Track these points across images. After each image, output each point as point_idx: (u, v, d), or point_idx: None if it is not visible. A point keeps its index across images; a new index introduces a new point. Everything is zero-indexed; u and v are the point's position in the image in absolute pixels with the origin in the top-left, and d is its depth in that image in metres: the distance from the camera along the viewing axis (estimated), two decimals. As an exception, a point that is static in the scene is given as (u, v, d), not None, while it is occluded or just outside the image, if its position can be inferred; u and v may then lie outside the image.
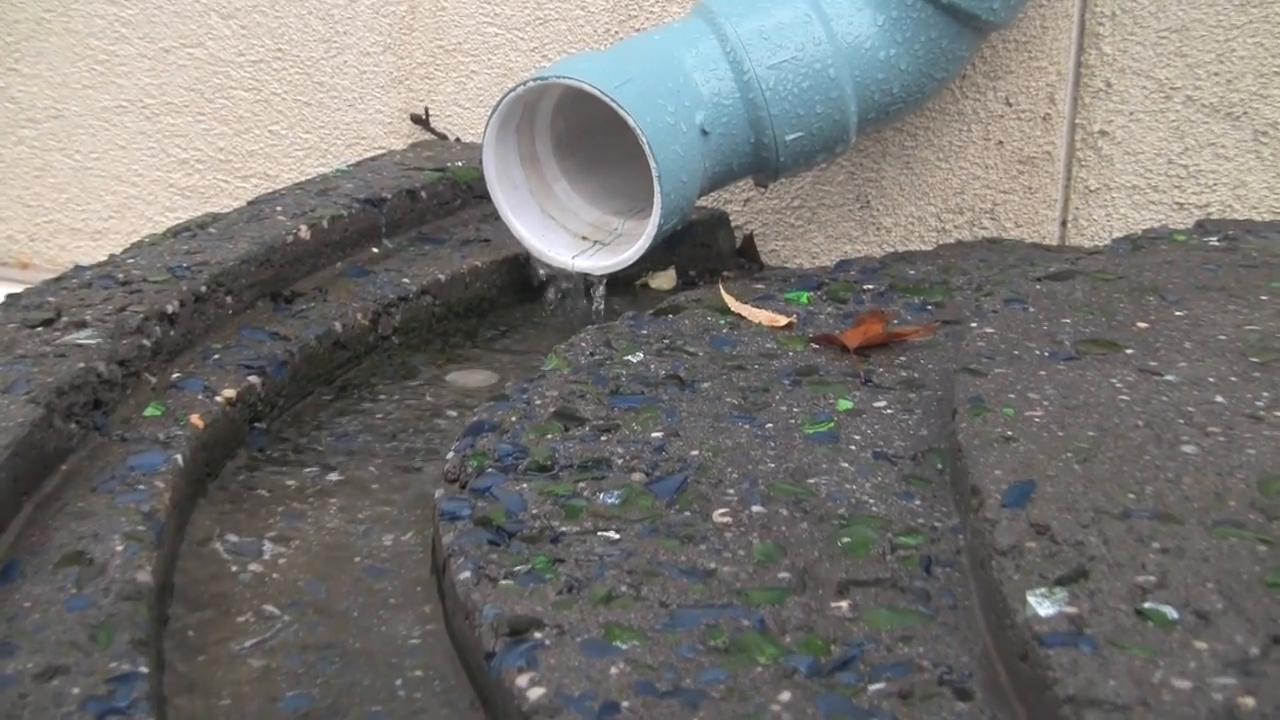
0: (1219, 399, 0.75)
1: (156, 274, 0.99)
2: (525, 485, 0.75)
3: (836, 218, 1.38)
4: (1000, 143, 1.30)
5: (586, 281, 1.14)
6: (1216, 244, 1.02)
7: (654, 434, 0.81)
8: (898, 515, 0.71)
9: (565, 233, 1.17)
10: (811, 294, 1.06)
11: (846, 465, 0.77)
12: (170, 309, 0.95)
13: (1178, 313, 0.87)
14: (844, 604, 0.65)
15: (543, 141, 1.18)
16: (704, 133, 1.09)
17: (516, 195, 1.15)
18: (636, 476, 0.76)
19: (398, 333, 1.09)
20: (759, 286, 1.09)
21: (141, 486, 0.77)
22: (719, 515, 0.72)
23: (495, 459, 0.78)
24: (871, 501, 0.73)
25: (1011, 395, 0.77)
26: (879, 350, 0.93)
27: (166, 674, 0.67)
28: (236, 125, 1.59)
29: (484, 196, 1.27)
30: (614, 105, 1.03)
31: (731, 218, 1.41)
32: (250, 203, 1.18)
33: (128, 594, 0.67)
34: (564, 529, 0.71)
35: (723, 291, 1.04)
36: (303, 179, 1.40)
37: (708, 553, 0.69)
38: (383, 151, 1.50)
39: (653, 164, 1.03)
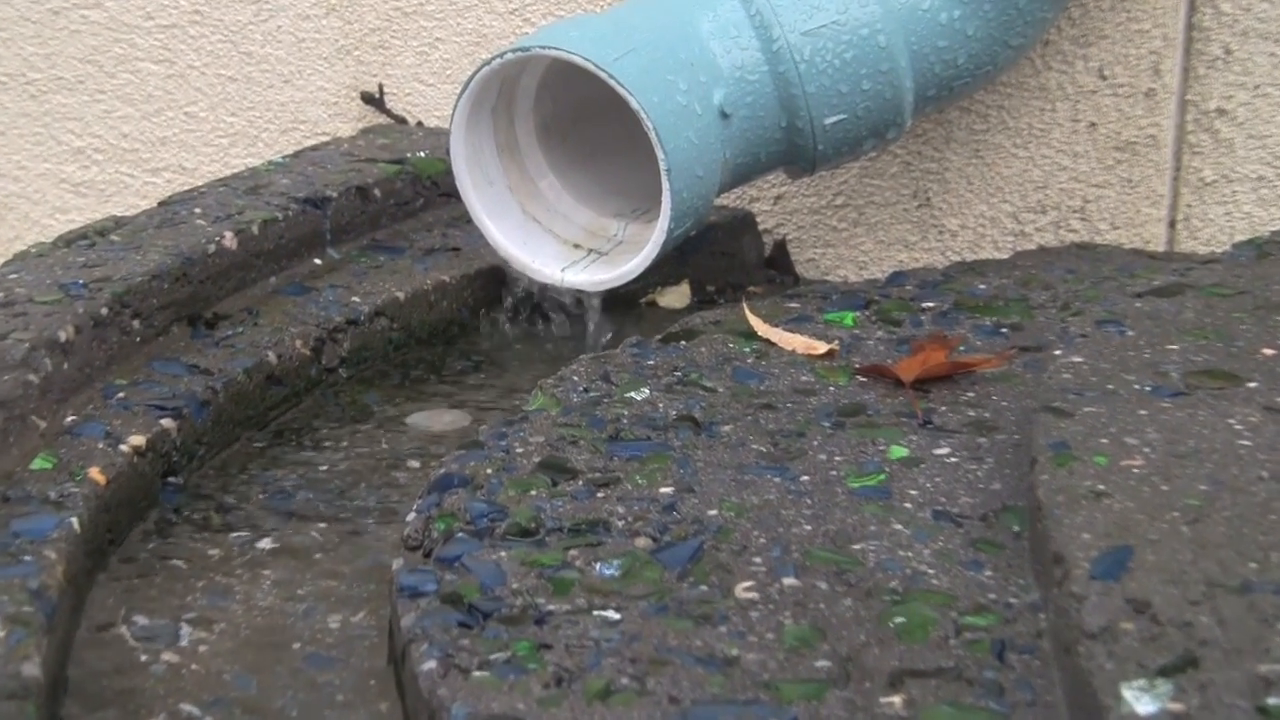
0: (1362, 444, 0.76)
1: (45, 293, 1.01)
2: (504, 553, 0.77)
3: (889, 219, 1.41)
4: (1092, 124, 1.33)
5: (579, 300, 1.17)
6: (1361, 250, 1.04)
7: (663, 489, 0.83)
8: (964, 589, 0.73)
9: (553, 240, 1.19)
10: (858, 314, 1.08)
11: (900, 527, 0.78)
12: (63, 336, 0.96)
13: (1312, 336, 0.89)
14: (897, 699, 0.65)
15: (525, 127, 1.20)
16: (724, 115, 1.11)
17: (492, 193, 1.18)
18: (641, 542, 0.78)
19: (346, 364, 1.11)
20: (793, 305, 1.11)
21: (28, 558, 0.78)
22: (743, 590, 0.73)
23: (467, 521, 0.80)
24: (931, 572, 0.74)
25: (1104, 440, 0.79)
26: (941, 384, 0.95)
27: (60, 790, 0.68)
28: (144, 106, 1.61)
29: (452, 195, 1.30)
30: (612, 82, 1.05)
31: (759, 220, 1.43)
32: (162, 203, 1.21)
33: (11, 691, 0.68)
34: (551, 607, 0.72)
35: (748, 311, 1.06)
36: (227, 173, 1.43)
37: (729, 636, 0.70)
38: (326, 139, 1.53)
39: (660, 155, 1.05)
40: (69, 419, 0.93)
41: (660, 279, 1.29)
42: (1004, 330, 1.05)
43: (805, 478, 0.83)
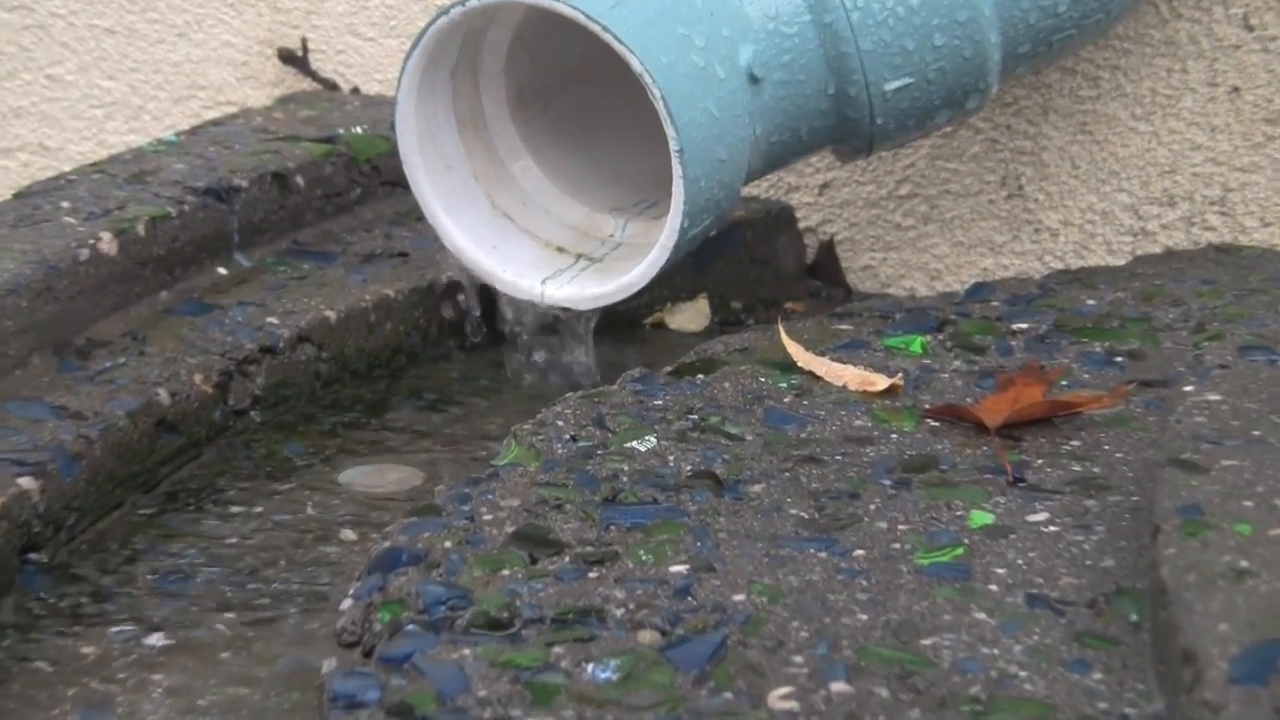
0: None
1: None
2: (468, 651, 0.78)
3: (969, 213, 1.42)
4: (1235, 90, 1.34)
5: (565, 321, 1.19)
6: None
7: (674, 567, 0.84)
8: (1066, 697, 0.74)
9: (530, 242, 1.21)
10: (928, 338, 1.10)
11: (984, 616, 0.80)
12: (-106, 369, 0.99)
13: None
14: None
15: (494, 95, 1.22)
16: (753, 79, 1.13)
17: (451, 181, 1.19)
18: (646, 636, 0.78)
19: (260, 405, 1.13)
20: (844, 327, 1.13)
21: None
22: (778, 699, 0.74)
23: (419, 609, 0.81)
24: (1024, 675, 0.75)
25: (1247, 503, 0.80)
26: (1037, 430, 0.97)
27: None
28: (-6, 67, 1.64)
29: (399, 183, 1.32)
30: (606, 36, 1.06)
31: (800, 215, 1.45)
32: (17, 194, 1.23)
33: None
34: (530, 722, 0.74)
35: (785, 336, 1.08)
36: (103, 155, 1.45)
37: (761, 759, 0.71)
38: (233, 110, 1.54)
39: (671, 132, 1.07)
40: (-101, 477, 0.94)
41: (670, 293, 1.31)
42: (1119, 359, 1.06)
43: (860, 552, 0.84)
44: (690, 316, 1.30)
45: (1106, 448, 0.94)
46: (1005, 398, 0.96)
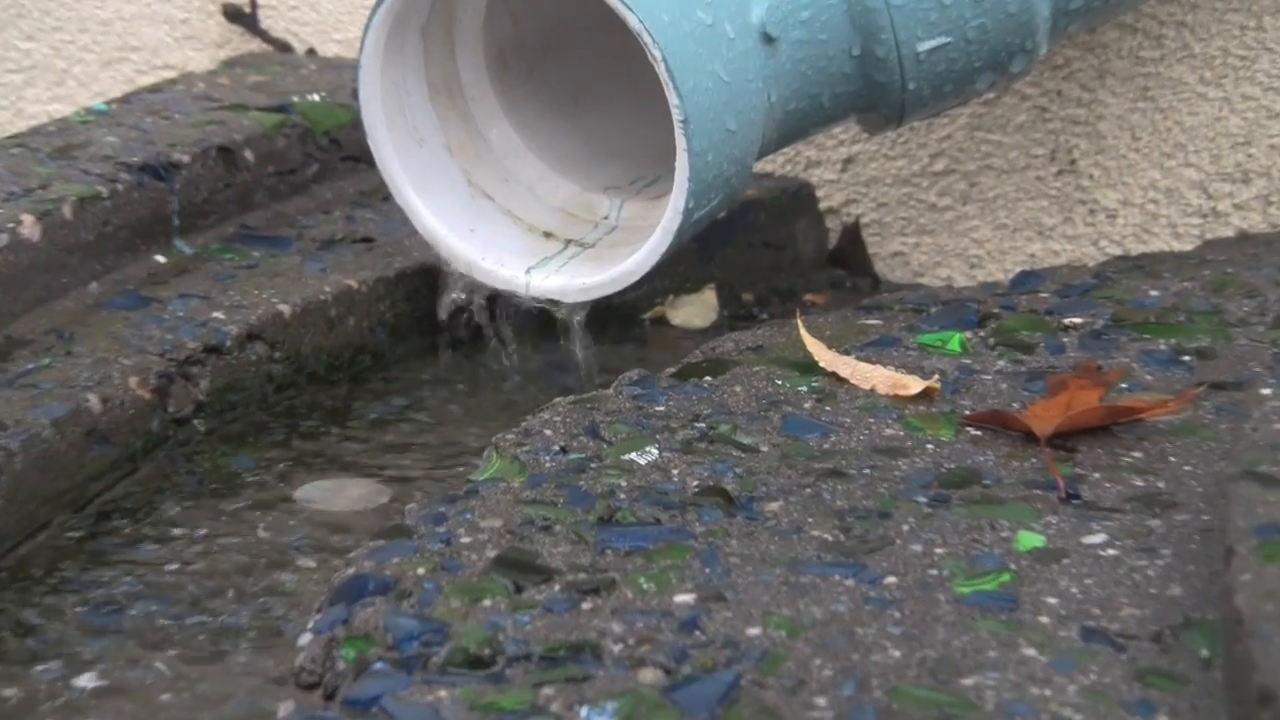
0: None
1: None
2: (444, 693, 0.78)
3: (1014, 192, 1.43)
4: (1317, 50, 1.35)
5: (553, 316, 1.19)
6: None
7: (679, 597, 0.84)
8: (1128, 744, 0.74)
9: (513, 225, 1.22)
10: (968, 335, 1.11)
11: (1033, 652, 0.80)
12: None
13: None
14: None
15: (471, 59, 1.23)
16: (768, 39, 1.14)
17: (423, 156, 1.20)
18: (648, 675, 0.78)
19: (205, 413, 1.13)
20: (871, 322, 1.13)
21: None
22: (800, 746, 0.75)
23: (389, 645, 0.81)
24: (1079, 718, 0.75)
25: (1334, 521, 0.80)
26: (1093, 439, 0.97)
27: None
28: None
29: (362, 158, 1.32)
30: (599, -10, 1.08)
31: (821, 194, 1.46)
32: (-73, 173, 1.23)
33: None
34: (515, 773, 0.74)
35: (804, 332, 1.08)
36: (22, 126, 1.45)
37: (779, 815, 0.72)
38: (172, 75, 1.54)
39: (674, 99, 1.08)
40: None
41: (673, 284, 1.32)
42: (1186, 358, 1.06)
43: (891, 579, 0.85)
44: (696, 310, 1.30)
45: (1172, 459, 0.95)
46: (1056, 403, 0.96)
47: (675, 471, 0.94)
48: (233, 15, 1.57)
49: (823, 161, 1.44)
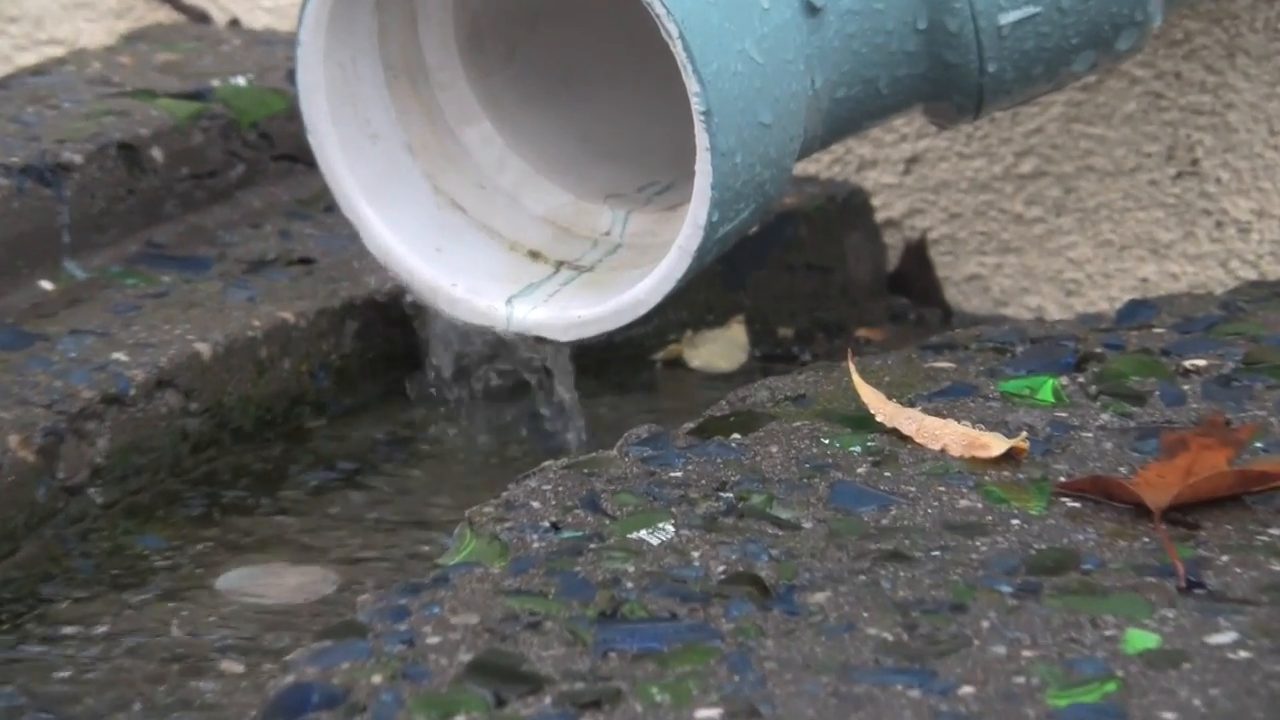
0: None
1: None
2: (404, 834, 0.78)
3: (1121, 199, 1.43)
4: None
5: (542, 356, 1.19)
6: None
7: (701, 711, 0.83)
8: None
9: (491, 242, 1.22)
10: (1063, 381, 1.10)
11: (1147, 782, 0.80)
12: None
13: None
14: None
15: (438, 34, 1.23)
16: (811, 9, 1.14)
17: (377, 156, 1.20)
18: (661, 812, 0.79)
19: (103, 479, 1.13)
20: (942, 365, 1.13)
21: None
22: None
23: (335, 773, 0.81)
24: None
25: None
26: (1220, 513, 0.96)
27: None
28: None
29: (301, 158, 1.32)
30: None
31: (879, 203, 1.46)
32: None
33: None
34: None
35: (857, 378, 1.08)
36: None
37: None
38: (59, 54, 1.54)
39: (693, 85, 1.07)
40: None
41: (693, 316, 1.32)
42: (1338, 411, 1.07)
43: (967, 689, 0.84)
44: (720, 350, 1.30)
45: (1321, 538, 0.95)
46: (1175, 467, 0.95)
47: (696, 554, 0.93)
48: (138, -21, 1.58)
49: (880, 162, 1.44)
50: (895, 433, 1.04)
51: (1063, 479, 0.99)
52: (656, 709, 0.83)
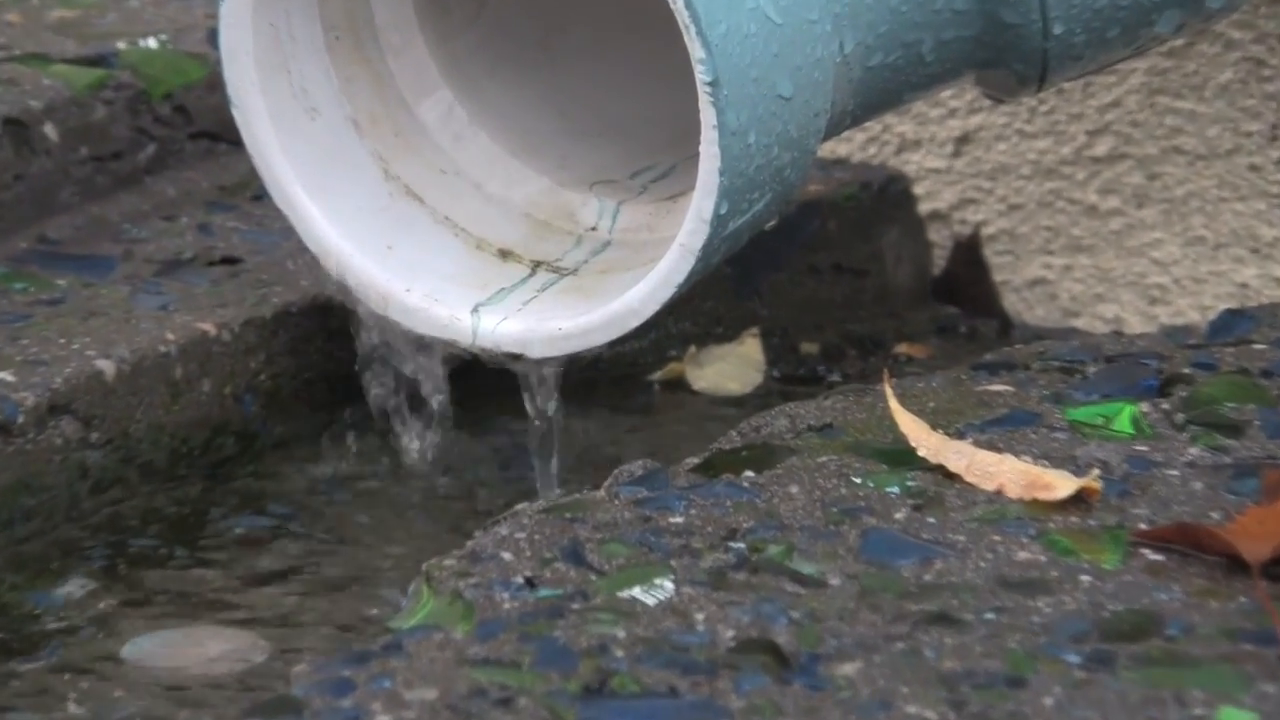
0: None
1: None
2: None
3: (1215, 187, 1.43)
4: None
5: (516, 376, 1.19)
6: None
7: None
8: None
9: (452, 238, 1.22)
10: (1144, 408, 1.10)
11: None
12: None
13: None
14: None
15: (390, -7, 1.25)
16: (838, -40, 1.15)
17: (317, 135, 1.21)
18: None
19: (-18, 524, 1.14)
20: (998, 388, 1.13)
21: None
22: None
23: None
24: None
25: None
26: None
27: None
28: None
29: (223, 136, 1.33)
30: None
31: (922, 191, 1.47)
32: None
33: None
34: None
35: (895, 404, 1.08)
36: None
37: None
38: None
39: (696, 48, 1.07)
40: None
41: (697, 328, 1.32)
42: None
43: (1028, 781, 0.84)
44: (731, 369, 1.30)
45: None
46: (1277, 511, 0.96)
47: (700, 616, 0.93)
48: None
49: (925, 141, 1.44)
50: (941, 470, 1.04)
51: (1142, 526, 1.00)
52: (653, 810, 0.84)
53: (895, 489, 1.03)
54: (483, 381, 1.22)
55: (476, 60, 1.26)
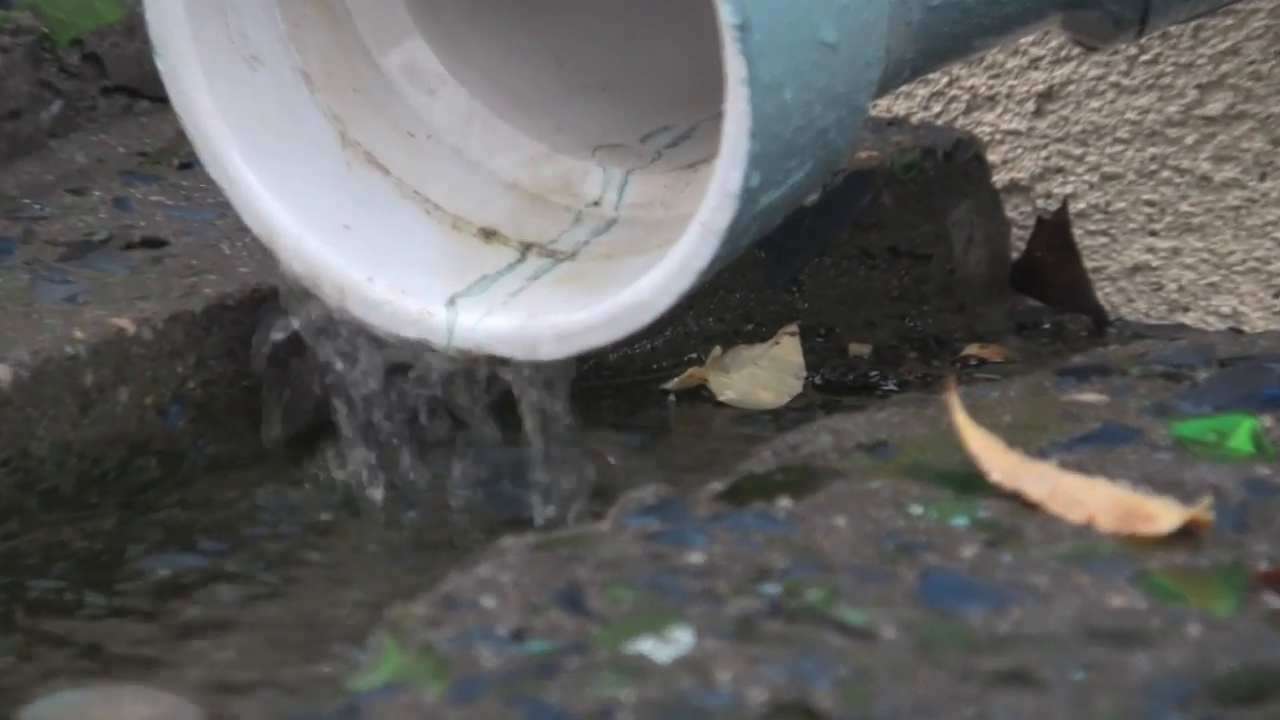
0: None
1: None
2: None
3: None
4: None
5: (495, 377, 1.19)
6: None
7: None
8: None
9: (423, 215, 1.23)
10: (1266, 421, 1.11)
11: None
12: None
13: None
14: None
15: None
16: None
17: (260, 91, 1.21)
18: None
19: None
20: (1088, 398, 1.14)
21: None
22: None
23: None
24: None
25: None
26: None
27: None
28: None
29: (142, 91, 1.32)
30: None
31: (998, 158, 1.47)
32: None
33: None
34: None
35: (962, 417, 1.08)
36: None
37: None
38: None
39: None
40: None
41: (723, 326, 1.33)
42: None
43: None
44: (763, 376, 1.31)
45: None
46: None
47: (724, 674, 0.93)
48: None
49: (1001, 98, 1.45)
50: (1018, 498, 1.04)
51: (1263, 566, 0.99)
52: None
53: (962, 520, 1.03)
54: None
55: (453, 2, 1.26)
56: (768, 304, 1.34)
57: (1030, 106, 1.45)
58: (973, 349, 1.36)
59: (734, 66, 1.07)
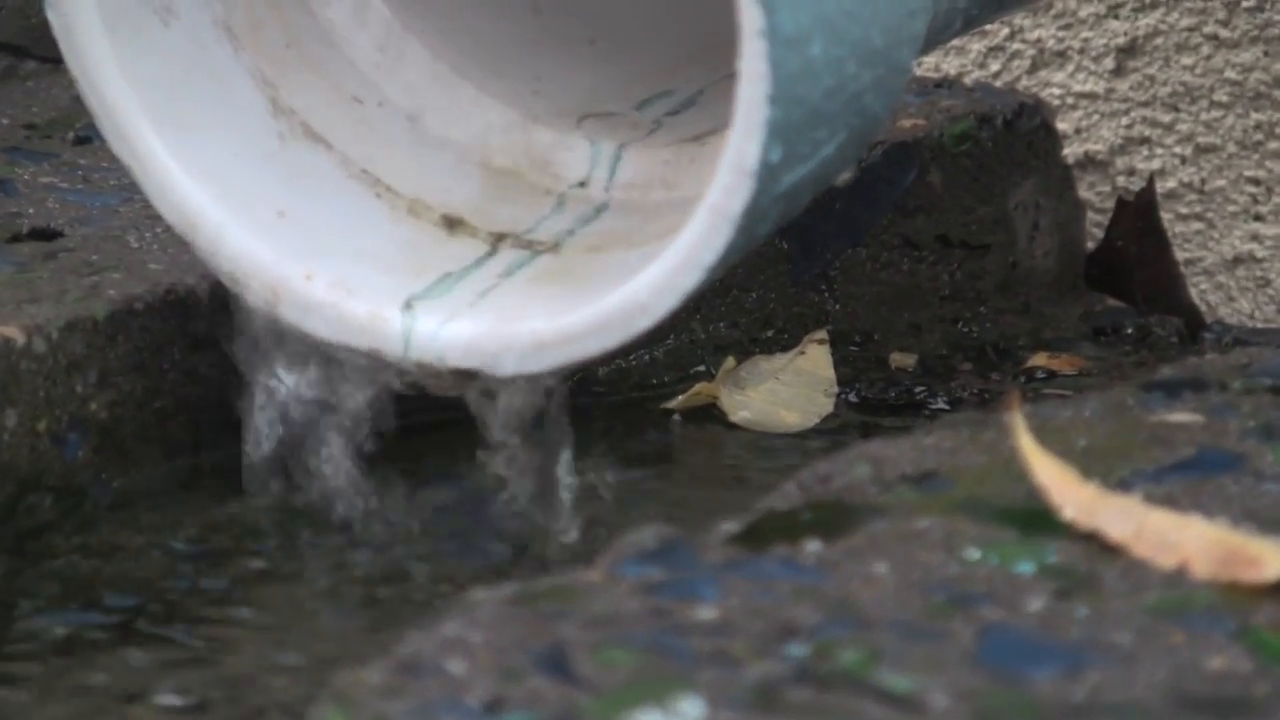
0: None
1: None
2: None
3: None
4: None
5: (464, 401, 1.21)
6: None
7: None
8: None
9: (373, 199, 1.24)
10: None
11: None
12: None
13: None
14: None
15: None
16: None
17: (174, 49, 1.22)
18: None
19: None
20: (1180, 418, 1.15)
21: None
22: None
23: None
24: None
25: None
26: None
27: None
28: None
29: (31, 52, 1.34)
30: None
31: (1069, 126, 1.49)
32: None
33: None
34: None
35: (1027, 441, 1.10)
36: None
37: None
38: None
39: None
40: None
41: (738, 333, 1.35)
42: None
43: None
44: (786, 391, 1.32)
45: None
46: None
47: (739, 757, 0.95)
48: None
49: (1073, 53, 1.46)
50: (1095, 538, 1.06)
51: None
52: None
53: (1029, 567, 1.05)
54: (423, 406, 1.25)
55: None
56: (791, 305, 1.36)
57: (1109, 64, 1.46)
58: (1040, 359, 1.38)
59: (749, 16, 1.08)
